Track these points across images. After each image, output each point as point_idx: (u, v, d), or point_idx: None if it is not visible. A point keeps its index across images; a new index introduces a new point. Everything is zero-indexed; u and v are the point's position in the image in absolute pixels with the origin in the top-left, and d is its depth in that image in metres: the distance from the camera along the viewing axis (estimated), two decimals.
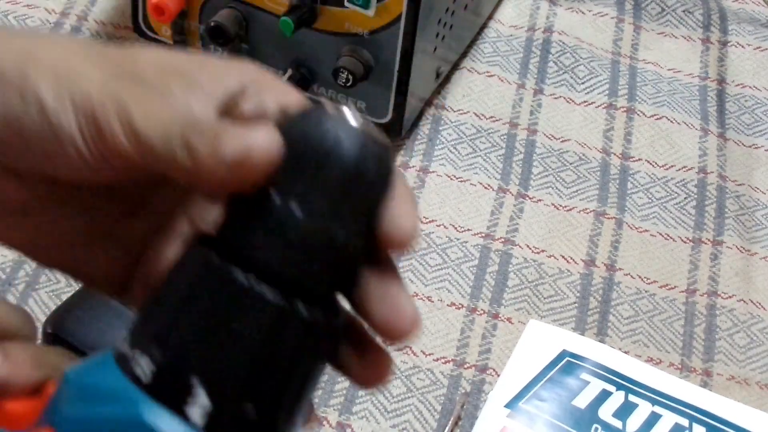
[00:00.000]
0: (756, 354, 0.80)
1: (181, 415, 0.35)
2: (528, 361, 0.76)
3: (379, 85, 0.83)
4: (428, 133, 0.90)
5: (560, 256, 0.83)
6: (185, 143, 0.37)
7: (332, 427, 0.72)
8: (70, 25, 0.94)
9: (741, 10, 1.05)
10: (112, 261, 0.43)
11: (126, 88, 0.38)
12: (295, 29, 0.81)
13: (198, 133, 0.37)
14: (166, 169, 0.37)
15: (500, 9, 1.00)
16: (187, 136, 0.37)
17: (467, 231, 0.84)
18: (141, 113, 0.37)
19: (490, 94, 0.94)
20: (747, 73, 0.99)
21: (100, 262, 0.43)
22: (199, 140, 0.36)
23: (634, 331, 0.80)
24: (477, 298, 0.80)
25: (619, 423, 0.73)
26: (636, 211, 0.87)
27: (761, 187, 0.90)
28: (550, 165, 0.89)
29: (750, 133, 0.94)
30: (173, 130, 0.37)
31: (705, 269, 0.84)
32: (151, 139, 0.37)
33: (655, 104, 0.95)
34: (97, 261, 0.43)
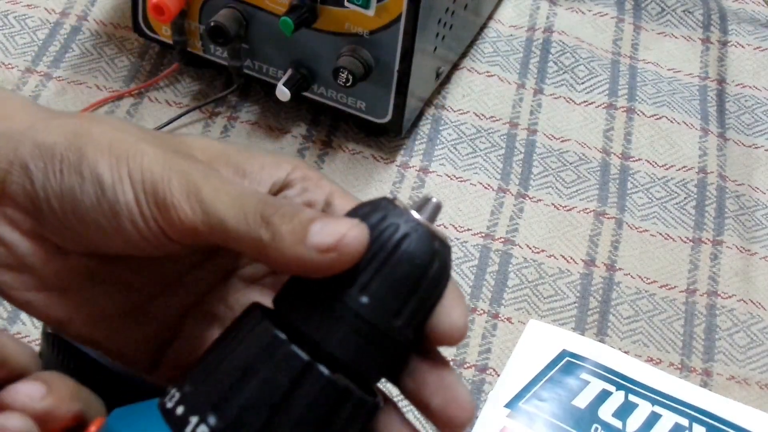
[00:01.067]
0: (756, 354, 0.80)
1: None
2: (528, 361, 0.76)
3: (379, 85, 0.83)
4: (428, 133, 0.90)
5: (560, 256, 0.83)
6: (266, 222, 0.38)
7: None
8: (70, 25, 0.94)
9: (741, 10, 1.05)
10: (144, 339, 0.43)
11: (189, 165, 0.39)
12: (295, 29, 0.81)
13: (280, 214, 0.38)
14: (236, 244, 0.38)
15: (500, 9, 1.00)
16: (268, 216, 0.38)
17: (467, 231, 0.84)
18: (209, 187, 0.38)
19: (490, 94, 0.94)
20: (747, 73, 0.99)
21: (132, 340, 0.43)
22: (282, 221, 0.37)
23: (634, 330, 0.80)
24: (477, 297, 0.80)
25: (619, 423, 0.73)
26: (636, 210, 0.87)
27: (761, 187, 0.90)
28: (550, 165, 0.89)
29: (750, 133, 0.94)
30: (249, 206, 0.38)
31: (705, 269, 0.84)
32: (221, 212, 0.38)
33: (655, 104, 0.95)
34: (130, 338, 0.43)
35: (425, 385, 0.39)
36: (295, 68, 0.85)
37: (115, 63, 0.92)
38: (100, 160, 0.39)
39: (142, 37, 0.90)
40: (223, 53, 0.87)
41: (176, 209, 0.38)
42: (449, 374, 0.39)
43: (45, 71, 0.90)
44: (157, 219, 0.39)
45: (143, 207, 0.39)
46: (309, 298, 0.37)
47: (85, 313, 0.42)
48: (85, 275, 0.42)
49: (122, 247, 0.40)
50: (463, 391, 0.39)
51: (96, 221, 0.39)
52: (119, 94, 0.89)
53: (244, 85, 0.89)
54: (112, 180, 0.39)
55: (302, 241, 0.37)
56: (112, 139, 0.39)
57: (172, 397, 0.37)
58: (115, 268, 0.42)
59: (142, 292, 0.43)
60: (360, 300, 0.37)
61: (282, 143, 0.88)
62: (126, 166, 0.39)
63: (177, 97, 0.90)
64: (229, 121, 0.89)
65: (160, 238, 0.39)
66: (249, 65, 0.87)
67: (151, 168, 0.39)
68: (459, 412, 0.39)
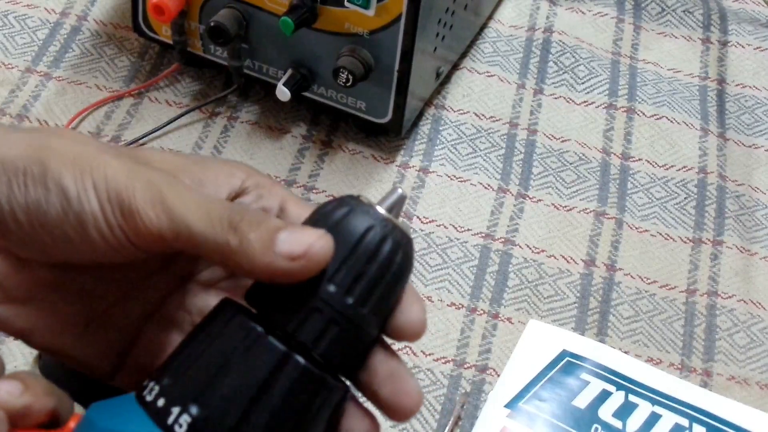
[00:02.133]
0: (756, 354, 0.80)
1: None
2: (528, 361, 0.76)
3: (379, 85, 0.83)
4: (428, 133, 0.90)
5: (560, 256, 0.83)
6: (233, 228, 0.39)
7: None
8: (70, 24, 0.94)
9: (741, 10, 1.05)
10: (105, 346, 0.44)
11: (152, 174, 0.40)
12: (295, 29, 0.81)
13: (247, 221, 0.39)
14: (202, 249, 0.39)
15: (500, 9, 1.00)
16: (236, 223, 0.39)
17: (467, 231, 0.84)
18: (174, 194, 0.40)
19: (490, 94, 0.94)
20: (747, 73, 0.99)
21: (94, 347, 0.44)
22: (250, 228, 0.39)
23: (634, 331, 0.80)
24: (477, 298, 0.80)
25: (619, 423, 0.73)
26: (636, 211, 0.87)
27: (761, 187, 0.90)
28: (550, 165, 0.89)
29: (750, 133, 0.94)
30: (215, 213, 0.39)
31: (705, 269, 0.84)
32: (187, 218, 0.39)
33: (655, 104, 0.95)
34: (92, 345, 0.44)
35: (375, 376, 0.41)
36: (295, 68, 0.85)
37: (115, 63, 0.92)
38: (64, 172, 0.40)
39: (142, 37, 0.90)
40: (223, 53, 0.87)
41: (141, 216, 0.39)
42: (398, 365, 0.41)
43: (45, 71, 0.90)
44: (122, 227, 0.39)
45: (108, 215, 0.39)
46: (280, 292, 0.39)
47: (48, 323, 0.43)
48: (47, 285, 0.42)
49: (89, 255, 0.41)
50: (412, 381, 0.41)
51: (63, 232, 0.40)
52: (119, 94, 0.89)
53: (244, 85, 0.89)
54: (77, 191, 0.39)
55: (270, 248, 0.38)
56: (74, 152, 0.40)
57: (151, 390, 0.38)
58: (76, 277, 0.43)
59: (104, 300, 0.44)
60: (329, 290, 0.39)
61: (282, 143, 0.88)
62: (90, 177, 0.40)
63: (177, 97, 0.90)
64: (229, 121, 0.89)
65: (126, 246, 0.40)
66: (249, 65, 0.87)
67: (115, 177, 0.40)
68: (407, 401, 0.41)
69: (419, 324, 0.41)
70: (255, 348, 0.38)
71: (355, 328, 0.39)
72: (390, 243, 0.40)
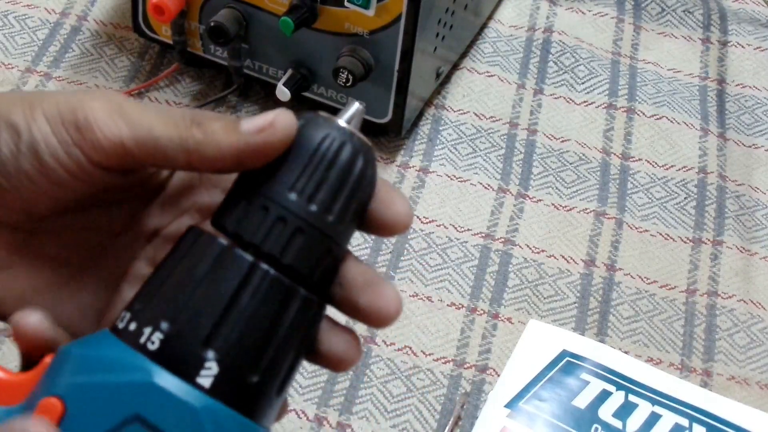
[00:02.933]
0: (756, 354, 0.80)
1: (189, 380, 0.37)
2: (528, 361, 0.76)
3: (379, 85, 0.83)
4: (428, 133, 0.90)
5: (560, 256, 0.83)
6: (196, 123, 0.39)
7: (332, 427, 0.72)
8: (70, 25, 0.94)
9: (741, 10, 1.05)
10: (81, 309, 0.44)
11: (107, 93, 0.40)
12: (295, 29, 0.81)
13: (208, 116, 0.39)
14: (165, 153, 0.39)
15: (500, 9, 1.00)
16: (198, 119, 0.39)
17: (467, 231, 0.84)
18: (132, 106, 0.40)
19: (490, 94, 0.94)
20: (747, 73, 0.99)
21: (68, 312, 0.44)
22: (212, 120, 0.39)
23: (634, 331, 0.80)
24: (477, 298, 0.80)
25: (619, 423, 0.73)
26: (636, 211, 0.87)
27: (761, 187, 0.90)
28: (550, 165, 0.89)
29: (750, 133, 0.94)
30: (176, 115, 0.39)
31: (705, 269, 0.84)
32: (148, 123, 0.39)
33: (655, 104, 0.95)
34: (66, 311, 0.44)
35: (352, 288, 0.41)
36: (295, 68, 0.85)
37: (115, 63, 0.92)
38: (12, 110, 0.40)
39: (142, 37, 0.90)
40: (223, 53, 0.87)
41: (100, 127, 0.39)
42: (373, 274, 0.41)
43: (45, 71, 0.90)
44: (79, 144, 0.39)
45: (62, 136, 0.39)
46: (243, 208, 0.39)
47: (16, 290, 0.43)
48: (11, 250, 0.42)
49: (48, 192, 0.40)
50: (389, 286, 0.41)
51: (18, 168, 0.40)
52: None
53: (244, 85, 0.89)
54: (26, 122, 0.39)
55: (236, 129, 0.39)
56: (23, 94, 0.41)
57: (122, 319, 0.39)
58: (40, 242, 0.43)
59: (70, 265, 0.44)
60: (290, 198, 0.39)
61: None
62: (39, 107, 0.40)
63: (177, 98, 0.90)
64: None
65: (84, 167, 0.40)
66: (249, 65, 0.87)
67: (66, 100, 0.40)
68: (387, 305, 0.41)
69: (404, 215, 0.41)
70: (222, 261, 0.38)
71: (321, 235, 0.39)
72: (349, 150, 0.40)
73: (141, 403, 0.36)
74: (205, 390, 0.37)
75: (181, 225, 0.45)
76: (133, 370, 0.37)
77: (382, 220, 0.41)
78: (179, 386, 0.37)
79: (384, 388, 0.75)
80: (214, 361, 0.37)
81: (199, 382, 0.37)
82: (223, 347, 0.37)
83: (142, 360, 0.37)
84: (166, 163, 0.40)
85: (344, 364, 0.42)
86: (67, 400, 0.37)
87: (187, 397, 0.37)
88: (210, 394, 0.37)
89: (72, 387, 0.37)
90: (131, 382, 0.37)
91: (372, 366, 0.75)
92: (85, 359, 0.38)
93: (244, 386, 0.38)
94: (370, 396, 0.74)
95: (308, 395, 0.73)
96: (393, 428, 0.73)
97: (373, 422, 0.73)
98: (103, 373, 0.37)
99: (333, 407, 0.73)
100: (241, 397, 0.38)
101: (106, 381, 0.37)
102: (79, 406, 0.37)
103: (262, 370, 0.38)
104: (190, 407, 0.36)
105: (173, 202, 0.45)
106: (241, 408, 0.38)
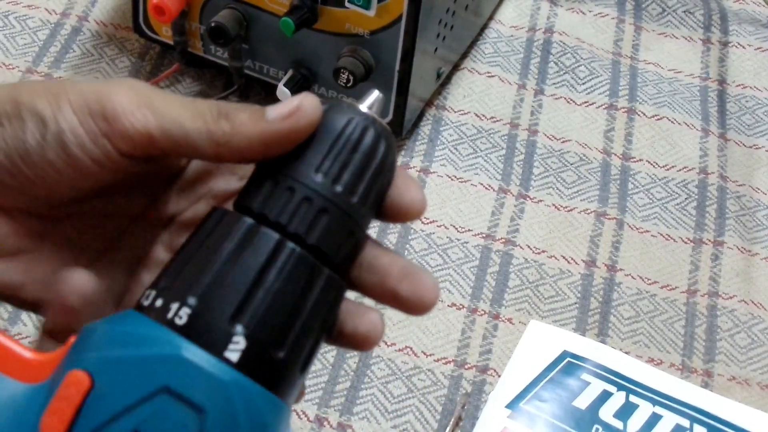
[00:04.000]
0: (757, 354, 0.80)
1: (217, 354, 0.37)
2: (529, 362, 0.76)
3: (379, 86, 0.83)
4: (429, 133, 0.90)
5: (561, 257, 0.83)
6: (223, 115, 0.39)
7: (333, 427, 0.72)
8: (71, 25, 0.94)
9: (741, 11, 1.05)
10: (99, 296, 0.44)
11: (133, 82, 0.40)
12: (295, 29, 0.81)
13: (234, 108, 0.40)
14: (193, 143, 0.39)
15: (501, 9, 1.00)
16: (225, 111, 0.40)
17: (468, 231, 0.84)
18: (159, 97, 0.40)
19: (491, 94, 0.94)
20: (748, 73, 0.99)
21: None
22: (238, 111, 0.39)
23: (634, 331, 0.80)
24: (478, 298, 0.80)
25: (620, 424, 0.73)
26: (637, 211, 0.87)
27: (762, 188, 0.90)
28: (550, 165, 0.89)
29: (751, 134, 0.94)
30: (203, 107, 0.40)
31: (706, 270, 0.84)
32: (176, 114, 0.39)
33: (656, 105, 0.95)
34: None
35: (389, 276, 0.41)
36: (296, 69, 0.85)
37: (115, 63, 0.92)
38: (37, 100, 0.40)
39: (143, 38, 0.90)
40: (223, 54, 0.87)
41: (127, 117, 0.39)
42: (407, 262, 0.42)
43: (46, 72, 0.90)
44: (107, 134, 0.39)
45: (89, 126, 0.39)
46: (268, 188, 0.40)
47: (37, 275, 0.43)
48: (35, 237, 0.42)
49: (73, 181, 0.40)
50: (428, 274, 0.41)
51: (44, 158, 0.40)
52: None
53: (245, 85, 0.89)
54: (52, 112, 0.39)
55: (262, 118, 0.39)
56: (46, 83, 0.40)
57: (147, 296, 0.39)
58: (60, 228, 0.43)
59: (89, 250, 0.44)
60: (316, 179, 0.39)
61: None
62: (65, 96, 0.40)
63: None
64: None
65: (111, 156, 0.40)
66: (249, 66, 0.87)
67: (93, 90, 0.40)
68: (428, 293, 0.41)
69: (419, 201, 0.41)
70: (249, 239, 0.38)
71: (345, 216, 0.40)
72: (372, 133, 0.41)
73: (170, 376, 0.36)
74: (232, 364, 0.37)
75: (198, 211, 0.45)
76: (162, 344, 0.37)
77: (397, 206, 0.42)
78: (208, 360, 0.37)
79: (385, 389, 0.75)
80: (242, 335, 0.37)
81: (226, 356, 0.37)
82: (250, 322, 0.38)
83: (170, 334, 0.37)
84: (192, 153, 0.40)
85: (369, 342, 0.42)
86: (94, 373, 0.37)
87: (215, 370, 0.37)
88: (237, 368, 0.37)
89: (99, 361, 0.37)
90: (160, 355, 0.37)
91: (373, 366, 0.75)
92: (112, 334, 0.38)
93: (270, 361, 0.38)
94: (371, 396, 0.74)
95: (309, 396, 0.73)
96: (394, 429, 0.73)
97: (374, 423, 0.73)
98: (131, 347, 0.37)
99: (334, 408, 0.73)
100: (267, 372, 0.38)
101: (134, 354, 0.37)
102: (107, 379, 0.37)
103: (287, 347, 0.38)
104: (219, 380, 0.37)
105: (190, 188, 0.45)
106: (267, 383, 0.38)
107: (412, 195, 0.41)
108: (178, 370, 0.37)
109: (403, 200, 0.41)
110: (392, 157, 0.41)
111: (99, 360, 0.37)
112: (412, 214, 0.42)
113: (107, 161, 0.40)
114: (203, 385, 0.37)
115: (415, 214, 0.42)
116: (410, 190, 0.42)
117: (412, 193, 0.41)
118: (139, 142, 0.39)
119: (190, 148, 0.40)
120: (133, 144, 0.39)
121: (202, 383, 0.37)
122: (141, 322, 0.38)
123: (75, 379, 0.37)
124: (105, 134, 0.39)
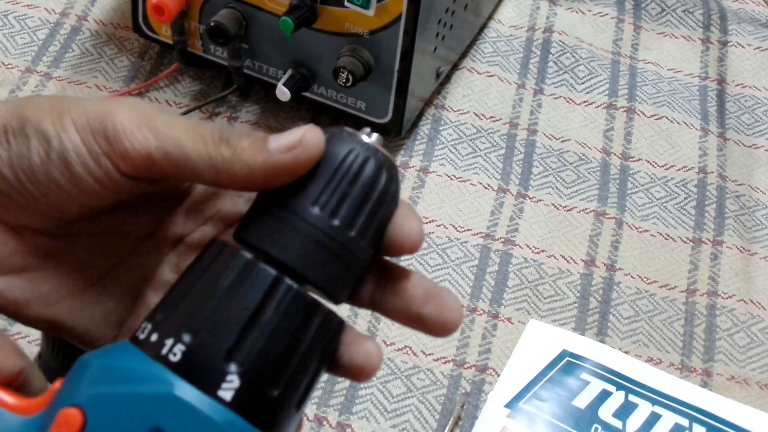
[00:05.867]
0: (756, 354, 0.80)
1: (210, 393, 0.37)
2: (528, 361, 0.76)
3: (379, 85, 0.83)
4: (428, 133, 0.90)
5: (560, 256, 0.83)
6: (224, 141, 0.39)
7: (332, 427, 0.72)
8: (70, 24, 0.94)
9: (741, 10, 1.05)
10: (104, 315, 0.44)
11: (135, 101, 0.40)
12: (295, 29, 0.81)
13: (236, 134, 0.39)
14: (193, 167, 0.39)
15: (500, 9, 1.00)
16: (226, 136, 0.39)
17: (467, 231, 0.84)
18: (161, 118, 0.39)
19: (490, 94, 0.94)
20: (747, 73, 0.99)
21: (92, 317, 0.44)
22: (240, 138, 0.39)
23: (634, 331, 0.80)
24: (477, 298, 0.80)
25: (619, 423, 0.73)
26: (636, 211, 0.87)
27: (761, 187, 0.90)
28: (550, 165, 0.89)
29: (750, 133, 0.94)
30: (204, 130, 0.39)
31: (705, 269, 0.84)
32: (176, 137, 0.39)
33: (655, 104, 0.95)
34: (90, 315, 0.44)
35: (413, 299, 0.41)
36: (295, 68, 0.85)
37: (115, 63, 0.92)
38: (42, 118, 0.40)
39: (142, 37, 0.90)
40: (223, 53, 0.87)
41: (128, 137, 0.39)
42: (430, 283, 0.41)
43: (45, 71, 0.90)
44: (108, 153, 0.39)
45: (91, 146, 0.39)
46: (265, 222, 0.39)
47: (42, 293, 0.43)
48: (41, 254, 0.42)
49: (77, 199, 0.40)
50: (450, 295, 0.41)
51: (48, 176, 0.40)
52: (119, 95, 0.89)
53: (244, 85, 0.89)
54: (56, 131, 0.39)
55: (264, 148, 0.39)
56: (51, 101, 0.40)
57: (143, 330, 0.38)
58: (67, 246, 0.43)
59: (98, 268, 0.44)
60: (314, 213, 0.39)
61: None
62: (69, 116, 0.40)
63: (177, 97, 0.90)
64: (230, 121, 0.89)
65: (112, 176, 0.40)
66: (249, 65, 0.87)
67: (95, 109, 0.39)
68: (452, 314, 0.41)
69: (416, 235, 0.40)
70: (246, 275, 0.38)
71: (343, 250, 0.39)
72: (372, 165, 0.40)
73: (162, 416, 0.36)
74: (225, 403, 0.37)
75: (205, 233, 0.45)
76: (155, 382, 0.37)
77: (393, 237, 0.41)
78: (200, 399, 0.37)
79: (384, 388, 0.75)
80: (236, 374, 0.37)
81: (220, 395, 0.37)
82: (245, 361, 0.37)
83: (164, 371, 0.37)
84: (193, 177, 0.40)
85: (365, 373, 0.41)
86: (87, 410, 0.37)
87: (207, 410, 0.37)
88: (230, 407, 0.37)
89: (92, 397, 0.37)
90: (152, 394, 0.37)
91: None
92: (105, 369, 0.38)
93: (264, 400, 0.38)
94: (370, 396, 0.74)
95: None
96: (393, 428, 0.73)
97: (373, 422, 0.73)
98: (123, 383, 0.37)
99: (333, 407, 0.73)
100: (261, 411, 0.38)
101: (127, 392, 0.37)
102: (100, 416, 0.37)
103: (282, 385, 0.38)
104: (211, 420, 0.36)
105: (197, 209, 0.45)
106: (261, 422, 0.38)
107: (411, 226, 0.40)
108: (171, 409, 0.36)
109: (402, 231, 0.40)
110: (394, 188, 0.41)
111: (92, 396, 0.37)
112: (404, 248, 0.41)
113: (109, 181, 0.40)
114: (195, 426, 0.36)
115: (409, 247, 0.41)
116: (409, 220, 0.41)
117: (411, 223, 0.41)
118: (140, 162, 0.39)
119: (190, 171, 0.39)
120: (134, 164, 0.39)
121: (193, 424, 0.36)
122: (135, 357, 0.38)
123: (67, 419, 0.37)
124: (106, 154, 0.39)
